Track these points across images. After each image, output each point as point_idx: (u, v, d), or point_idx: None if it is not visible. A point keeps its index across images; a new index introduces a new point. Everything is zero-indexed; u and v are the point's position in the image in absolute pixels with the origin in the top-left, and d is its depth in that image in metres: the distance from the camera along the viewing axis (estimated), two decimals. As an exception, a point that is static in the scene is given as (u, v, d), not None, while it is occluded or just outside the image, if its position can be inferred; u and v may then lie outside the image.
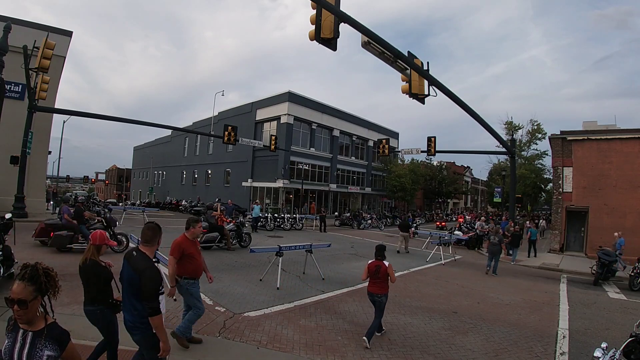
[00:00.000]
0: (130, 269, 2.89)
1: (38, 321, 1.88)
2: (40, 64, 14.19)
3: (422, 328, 5.96)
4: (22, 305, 1.77)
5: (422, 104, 11.23)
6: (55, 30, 17.88)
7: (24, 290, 1.79)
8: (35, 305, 1.84)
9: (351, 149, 37.64)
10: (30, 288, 1.80)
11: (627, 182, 16.68)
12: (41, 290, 1.86)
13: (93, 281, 3.25)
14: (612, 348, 3.68)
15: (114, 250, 9.96)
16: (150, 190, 47.66)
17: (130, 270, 2.88)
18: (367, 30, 8.70)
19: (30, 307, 1.80)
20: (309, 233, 19.66)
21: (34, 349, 1.81)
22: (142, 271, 2.80)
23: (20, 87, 17.09)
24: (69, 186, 72.22)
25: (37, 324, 1.87)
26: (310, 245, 8.78)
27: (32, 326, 1.85)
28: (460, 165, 60.55)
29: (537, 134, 30.13)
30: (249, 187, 32.50)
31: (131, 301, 2.87)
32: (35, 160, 17.50)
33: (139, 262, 2.90)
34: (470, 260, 14.68)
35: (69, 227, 9.46)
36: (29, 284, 1.81)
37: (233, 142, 21.32)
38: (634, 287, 10.44)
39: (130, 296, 2.88)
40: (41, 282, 1.85)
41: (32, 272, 1.85)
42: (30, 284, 1.82)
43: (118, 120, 20.56)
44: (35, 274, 1.85)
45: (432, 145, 19.61)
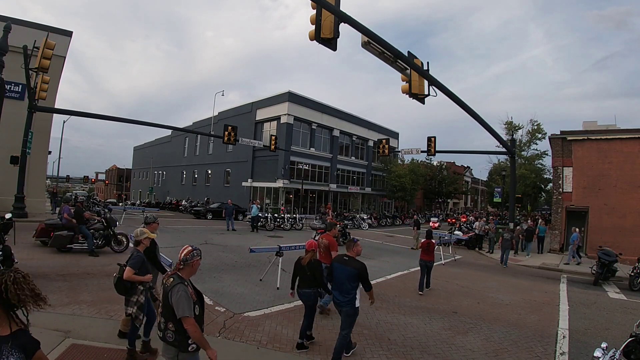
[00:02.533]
0: (349, 268, 4.42)
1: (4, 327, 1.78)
2: (40, 64, 14.18)
3: (422, 328, 5.96)
4: None
5: (422, 104, 11.23)
6: (55, 30, 17.87)
7: None
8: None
9: (351, 149, 37.65)
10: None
11: (627, 182, 16.68)
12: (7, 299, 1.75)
13: (318, 274, 4.86)
14: (612, 348, 3.68)
15: (114, 251, 10.00)
16: (150, 190, 47.66)
17: (349, 268, 4.40)
18: (367, 30, 8.71)
19: None
20: (309, 233, 19.65)
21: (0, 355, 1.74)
22: (359, 267, 4.39)
23: (20, 87, 17.09)
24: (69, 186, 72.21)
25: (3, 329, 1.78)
26: (310, 245, 8.77)
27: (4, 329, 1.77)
28: (460, 165, 60.57)
29: (537, 134, 30.16)
30: (249, 187, 32.51)
31: (346, 287, 4.36)
32: (35, 160, 17.49)
33: (354, 262, 4.48)
34: (470, 260, 14.68)
35: (69, 227, 9.43)
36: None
37: (233, 142, 21.31)
38: (634, 287, 10.44)
39: (349, 285, 4.36)
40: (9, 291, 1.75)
41: None
42: None
43: (118, 120, 20.55)
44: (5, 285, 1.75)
45: (432, 145, 19.60)
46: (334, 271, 4.60)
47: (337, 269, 4.54)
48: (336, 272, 4.54)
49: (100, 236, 9.99)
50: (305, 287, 4.88)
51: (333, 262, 4.72)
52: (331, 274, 4.66)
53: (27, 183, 15.90)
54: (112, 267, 8.25)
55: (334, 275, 4.58)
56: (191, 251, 2.86)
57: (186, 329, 2.63)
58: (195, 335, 2.65)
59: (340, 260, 4.57)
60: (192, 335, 2.64)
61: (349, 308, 4.35)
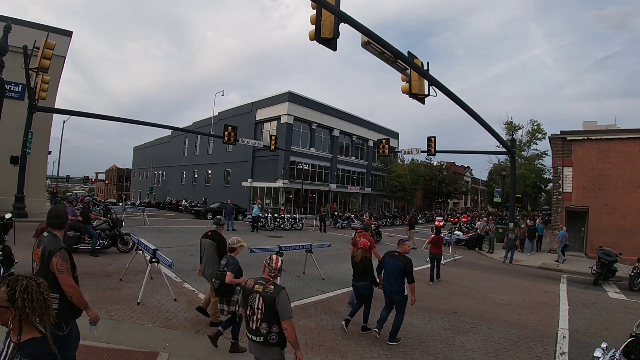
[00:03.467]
0: (397, 262, 5.25)
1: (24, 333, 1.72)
2: (40, 64, 14.18)
3: (422, 328, 5.96)
4: None
5: (422, 104, 11.23)
6: (55, 30, 17.88)
7: None
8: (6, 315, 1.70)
9: (351, 149, 37.64)
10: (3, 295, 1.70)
11: (627, 182, 16.68)
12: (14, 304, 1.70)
13: (369, 269, 5.66)
14: (612, 348, 3.68)
15: (120, 251, 10.07)
16: (150, 190, 47.65)
17: (398, 262, 5.24)
18: (367, 30, 8.70)
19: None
20: (309, 233, 19.65)
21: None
22: (406, 262, 5.22)
23: (20, 87, 17.09)
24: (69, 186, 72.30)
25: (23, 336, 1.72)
26: (310, 245, 8.78)
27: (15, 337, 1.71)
28: (460, 165, 60.54)
29: (537, 134, 30.11)
30: (249, 187, 32.50)
31: (397, 280, 5.20)
32: (35, 160, 17.49)
33: (402, 257, 5.30)
34: (470, 260, 14.69)
35: (75, 227, 9.45)
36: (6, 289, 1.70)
37: (233, 142, 21.31)
38: (634, 287, 10.44)
39: (397, 277, 5.19)
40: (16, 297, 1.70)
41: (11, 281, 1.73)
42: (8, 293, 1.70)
43: (118, 120, 20.56)
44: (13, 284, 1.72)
45: (432, 145, 19.60)
46: (385, 264, 5.43)
47: (388, 262, 5.37)
48: (387, 265, 5.37)
49: (106, 236, 10.06)
50: (360, 280, 5.68)
51: (385, 256, 5.58)
52: (382, 266, 5.49)
53: (27, 183, 15.90)
54: (112, 267, 8.26)
55: (385, 267, 5.40)
56: (272, 259, 3.17)
57: (285, 328, 2.87)
58: (293, 335, 2.90)
59: (391, 255, 5.44)
60: (290, 335, 2.89)
61: (400, 296, 5.23)
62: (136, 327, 5.00)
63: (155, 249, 6.55)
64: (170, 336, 4.78)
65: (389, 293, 5.32)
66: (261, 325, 2.92)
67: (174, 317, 5.53)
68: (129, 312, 5.52)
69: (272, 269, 3.11)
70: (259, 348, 2.96)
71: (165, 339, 4.65)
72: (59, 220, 3.00)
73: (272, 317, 2.89)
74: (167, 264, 6.32)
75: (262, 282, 3.01)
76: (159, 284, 6.81)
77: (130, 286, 6.77)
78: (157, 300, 6.23)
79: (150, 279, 6.74)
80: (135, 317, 5.35)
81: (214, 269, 5.08)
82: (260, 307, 2.93)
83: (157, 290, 6.66)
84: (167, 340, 4.61)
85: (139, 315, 5.45)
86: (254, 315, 2.96)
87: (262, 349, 2.95)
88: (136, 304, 5.84)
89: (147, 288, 6.32)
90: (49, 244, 2.81)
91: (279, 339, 2.91)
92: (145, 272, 6.44)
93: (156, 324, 5.21)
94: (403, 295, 5.22)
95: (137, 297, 6.00)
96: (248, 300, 3.00)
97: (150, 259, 6.45)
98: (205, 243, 5.48)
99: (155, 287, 6.79)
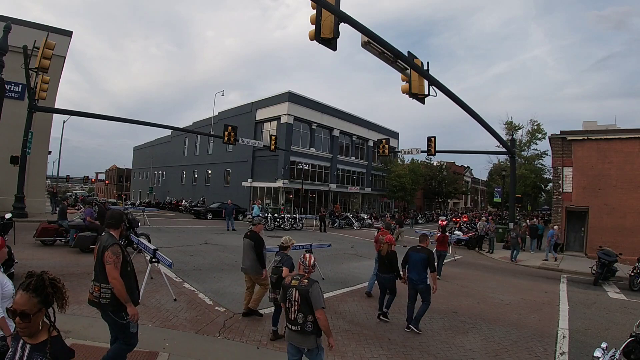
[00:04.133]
0: (422, 254, 5.83)
1: (40, 334, 1.74)
2: (40, 64, 14.19)
3: (422, 328, 5.96)
4: (24, 318, 1.64)
5: (422, 104, 11.23)
6: (55, 30, 17.88)
7: (28, 302, 1.66)
8: (39, 318, 1.72)
9: (351, 149, 37.63)
10: (34, 300, 1.67)
11: (627, 182, 16.68)
12: (46, 302, 1.73)
13: (394, 262, 6.28)
14: (612, 348, 3.68)
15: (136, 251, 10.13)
16: (150, 190, 47.65)
17: (422, 255, 5.81)
18: (367, 30, 8.70)
19: (33, 320, 1.67)
20: (309, 233, 19.65)
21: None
22: (429, 254, 5.83)
23: (20, 87, 17.09)
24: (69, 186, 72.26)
25: (39, 336, 1.74)
26: (310, 245, 8.78)
27: (32, 339, 1.73)
28: (460, 165, 60.53)
29: (537, 134, 30.13)
30: (249, 187, 32.50)
31: (421, 270, 5.78)
32: (35, 160, 17.50)
33: (425, 250, 5.89)
34: (470, 260, 14.68)
35: (92, 228, 9.67)
36: (33, 295, 1.68)
37: (233, 142, 21.30)
38: (634, 287, 10.43)
39: (421, 267, 5.77)
40: (47, 293, 1.72)
41: (37, 282, 1.71)
42: (35, 295, 1.68)
43: (118, 120, 20.56)
44: (41, 284, 1.71)
45: (432, 145, 19.60)
46: (409, 257, 5.98)
47: (412, 255, 5.95)
48: (411, 257, 5.94)
49: (122, 237, 10.05)
50: (385, 272, 6.31)
51: (409, 250, 6.11)
52: (407, 260, 6.02)
53: (27, 183, 15.91)
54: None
55: (410, 260, 5.95)
56: (306, 258, 3.60)
57: (319, 317, 3.20)
58: (325, 324, 3.23)
59: (415, 249, 6.02)
60: (323, 323, 3.22)
61: (423, 285, 5.80)
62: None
63: (155, 249, 6.56)
64: (170, 336, 4.78)
65: (414, 283, 5.86)
66: (298, 315, 3.26)
67: (174, 317, 5.53)
68: (129, 312, 5.51)
69: (306, 266, 3.55)
70: (297, 336, 3.29)
71: (165, 339, 4.65)
72: (113, 221, 3.37)
73: (307, 308, 3.23)
74: (167, 264, 6.32)
75: (298, 278, 3.43)
76: (159, 284, 6.82)
77: (130, 286, 6.76)
78: (157, 300, 6.23)
79: (150, 279, 6.74)
80: (135, 317, 5.35)
81: (248, 264, 5.70)
82: (296, 300, 3.28)
83: (157, 290, 6.66)
84: (167, 340, 4.61)
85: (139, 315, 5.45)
86: (291, 307, 3.31)
87: (300, 337, 3.28)
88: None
89: (147, 288, 6.32)
90: (105, 241, 3.22)
91: (314, 327, 3.23)
92: (145, 272, 6.44)
93: (156, 324, 5.21)
94: (426, 284, 5.82)
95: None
96: (287, 295, 3.38)
97: (150, 259, 6.46)
98: (245, 242, 5.88)
99: (155, 287, 6.79)
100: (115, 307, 3.15)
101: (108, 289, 3.13)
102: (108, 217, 3.44)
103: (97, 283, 3.19)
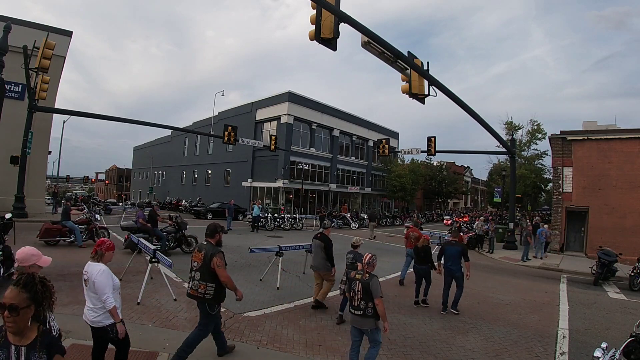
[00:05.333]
0: (457, 247, 6.97)
1: (30, 333, 1.78)
2: (40, 64, 14.18)
3: (422, 328, 5.96)
4: (12, 311, 1.68)
5: (422, 104, 11.23)
6: (55, 30, 17.87)
7: (17, 296, 1.71)
8: (27, 314, 1.75)
9: (351, 149, 37.62)
10: (24, 295, 1.73)
11: (627, 182, 16.67)
12: (35, 300, 1.78)
13: (429, 255, 7.39)
14: (612, 348, 3.68)
15: (184, 252, 10.57)
16: (150, 190, 47.65)
17: (458, 248, 6.96)
18: (367, 30, 8.70)
19: (21, 314, 1.71)
20: (309, 233, 19.64)
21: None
22: (463, 246, 7.09)
23: (20, 87, 17.08)
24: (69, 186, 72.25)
25: (29, 335, 1.77)
26: (310, 246, 8.77)
27: (23, 339, 1.76)
28: (460, 165, 60.53)
29: (537, 134, 30.11)
30: (249, 187, 32.50)
31: (457, 261, 6.89)
32: (35, 160, 17.49)
33: (459, 244, 7.17)
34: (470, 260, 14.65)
35: (144, 229, 10.16)
36: (23, 290, 1.74)
37: (233, 142, 21.30)
38: (634, 287, 10.43)
39: (457, 259, 6.88)
40: (36, 290, 1.78)
41: (27, 279, 1.79)
42: (25, 291, 1.74)
43: (118, 120, 20.55)
44: (30, 281, 1.79)
45: (432, 145, 19.59)
46: (445, 251, 7.04)
47: (448, 249, 7.00)
48: (447, 251, 7.00)
49: (172, 238, 10.64)
50: (421, 264, 7.34)
51: (444, 245, 7.29)
52: (442, 253, 7.08)
53: (27, 183, 15.91)
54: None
55: (446, 253, 6.99)
56: (372, 257, 4.26)
57: (377, 304, 3.95)
58: (382, 310, 3.99)
59: (449, 243, 7.18)
60: (380, 309, 3.96)
61: (459, 273, 6.88)
62: (136, 327, 5.00)
63: (155, 248, 6.56)
64: (170, 336, 4.78)
65: (450, 272, 6.88)
66: (360, 302, 4.02)
67: (174, 317, 5.53)
68: (129, 312, 5.51)
69: (364, 262, 4.25)
70: (359, 319, 4.05)
71: (165, 339, 4.66)
72: (208, 232, 4.23)
73: (368, 297, 3.99)
74: (167, 264, 6.32)
75: (360, 273, 4.18)
76: (159, 284, 6.81)
77: (130, 286, 6.77)
78: (157, 300, 6.23)
79: (150, 279, 6.74)
80: (136, 317, 5.35)
81: (317, 262, 6.62)
82: (359, 290, 4.04)
83: (157, 290, 6.66)
84: (167, 340, 4.62)
85: (139, 315, 5.45)
86: (355, 296, 4.08)
87: (361, 320, 4.04)
88: (136, 304, 5.85)
89: (147, 288, 6.32)
90: (210, 249, 4.05)
91: (374, 312, 3.98)
92: (145, 272, 6.44)
93: (156, 324, 5.22)
94: (461, 272, 6.87)
95: (137, 297, 6.01)
96: (351, 286, 4.16)
97: (150, 259, 6.46)
98: (315, 243, 6.75)
99: (155, 287, 6.79)
100: (214, 301, 4.03)
101: (212, 287, 3.97)
102: (207, 229, 4.25)
103: (204, 282, 3.98)
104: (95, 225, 11.09)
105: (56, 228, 10.24)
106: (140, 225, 10.22)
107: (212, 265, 3.92)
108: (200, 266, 4.01)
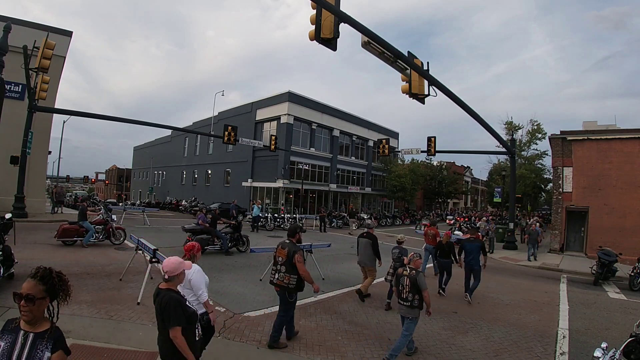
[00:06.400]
0: (476, 244, 7.93)
1: (43, 323, 1.88)
2: (40, 64, 14.17)
3: (422, 328, 5.95)
4: (29, 301, 1.78)
5: (422, 104, 11.23)
6: (55, 30, 17.85)
7: (34, 288, 1.81)
8: (43, 305, 1.85)
9: (351, 149, 37.62)
10: (40, 287, 1.82)
11: (627, 182, 16.67)
12: (51, 292, 1.87)
13: (452, 249, 8.44)
14: (612, 348, 3.69)
15: (240, 251, 11.45)
16: (150, 190, 47.63)
17: (477, 244, 7.93)
18: (367, 30, 8.70)
19: (37, 305, 1.80)
20: (309, 233, 19.64)
21: (35, 350, 1.80)
22: (481, 242, 8.24)
23: (20, 87, 17.06)
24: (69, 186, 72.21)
25: (42, 325, 1.87)
26: (310, 245, 8.77)
27: (34, 327, 1.84)
28: (460, 165, 60.50)
29: (537, 134, 30.05)
30: (249, 187, 32.49)
31: (476, 256, 7.78)
32: (35, 160, 17.47)
33: (478, 240, 8.20)
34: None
35: (207, 231, 10.93)
36: (40, 283, 1.83)
37: (233, 142, 21.30)
38: (634, 287, 10.43)
39: (476, 254, 7.79)
40: (53, 283, 1.87)
41: (44, 272, 1.88)
42: (42, 283, 1.84)
43: (118, 120, 20.55)
44: (48, 274, 1.88)
45: (432, 145, 19.60)
46: (465, 247, 8.01)
47: (467, 245, 7.95)
48: (467, 247, 7.95)
49: (230, 239, 11.47)
50: (445, 257, 8.35)
51: (464, 241, 8.27)
52: (462, 249, 8.07)
53: (27, 183, 15.89)
54: (112, 267, 8.25)
55: (466, 249, 7.94)
56: (413, 254, 5.04)
57: (425, 295, 4.65)
58: (428, 300, 4.69)
59: (469, 240, 8.14)
60: (427, 299, 4.67)
61: (477, 266, 7.80)
62: (136, 327, 5.00)
63: (155, 249, 6.55)
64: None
65: (470, 265, 7.80)
66: (408, 295, 4.68)
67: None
68: (129, 312, 5.52)
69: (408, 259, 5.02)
70: (406, 309, 4.69)
71: (166, 339, 4.65)
72: (290, 232, 5.07)
73: (415, 290, 4.65)
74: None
75: (407, 269, 4.86)
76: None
77: (130, 286, 6.77)
78: (157, 300, 6.22)
79: (150, 279, 6.73)
80: (136, 317, 5.35)
81: (363, 258, 7.52)
82: (407, 284, 4.72)
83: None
84: (167, 340, 4.61)
85: (139, 315, 5.45)
86: (403, 289, 4.75)
87: (408, 310, 4.67)
88: (136, 304, 5.84)
89: (147, 288, 6.31)
90: (292, 247, 4.82)
91: (419, 303, 4.64)
92: (145, 272, 6.44)
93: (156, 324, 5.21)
94: (479, 265, 7.81)
95: (137, 297, 6.00)
96: (400, 281, 4.84)
97: (150, 259, 6.45)
98: (362, 241, 7.56)
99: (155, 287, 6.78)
100: (295, 290, 4.76)
101: (295, 278, 4.71)
102: (289, 230, 5.13)
103: (288, 274, 4.71)
104: (112, 225, 11.17)
105: (74, 228, 10.35)
106: (203, 227, 10.98)
107: (294, 260, 4.68)
108: (284, 261, 4.76)
